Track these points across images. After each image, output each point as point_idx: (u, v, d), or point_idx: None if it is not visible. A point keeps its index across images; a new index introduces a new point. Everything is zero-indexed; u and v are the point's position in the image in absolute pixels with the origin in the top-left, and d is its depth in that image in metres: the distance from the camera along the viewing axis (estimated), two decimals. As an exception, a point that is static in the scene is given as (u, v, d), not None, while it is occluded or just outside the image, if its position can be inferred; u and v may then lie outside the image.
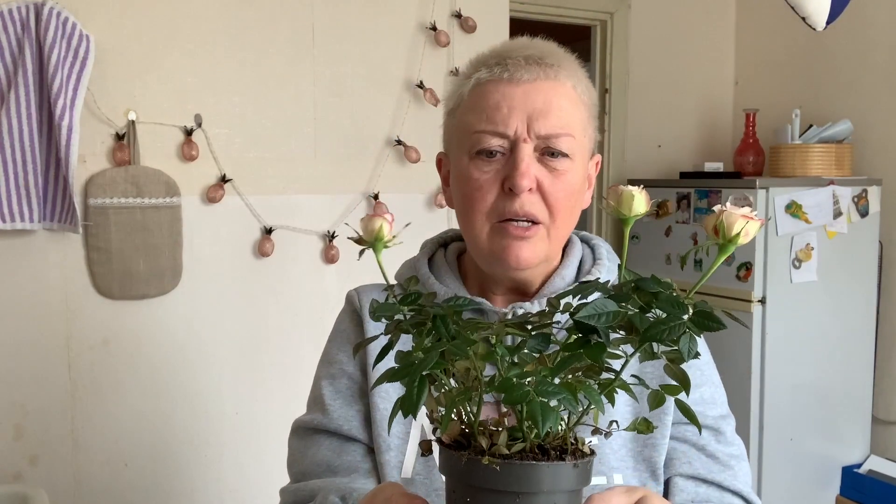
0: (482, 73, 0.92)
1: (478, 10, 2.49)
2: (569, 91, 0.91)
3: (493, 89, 0.91)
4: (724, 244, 0.63)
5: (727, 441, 0.97)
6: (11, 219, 1.92)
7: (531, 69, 0.90)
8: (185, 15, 2.13)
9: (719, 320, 0.59)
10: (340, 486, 0.91)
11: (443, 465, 0.65)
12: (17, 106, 1.89)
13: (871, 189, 3.09)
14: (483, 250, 0.93)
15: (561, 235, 0.94)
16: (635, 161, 3.62)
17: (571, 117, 0.91)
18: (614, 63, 3.56)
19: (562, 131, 0.90)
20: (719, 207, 0.63)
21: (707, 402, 0.97)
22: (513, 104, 0.89)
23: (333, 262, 2.35)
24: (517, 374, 0.59)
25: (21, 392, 2.00)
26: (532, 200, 0.89)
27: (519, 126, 0.89)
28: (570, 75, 0.92)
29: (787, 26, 3.34)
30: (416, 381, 0.59)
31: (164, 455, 2.17)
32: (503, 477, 0.59)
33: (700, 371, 0.98)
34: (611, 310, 0.59)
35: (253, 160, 2.24)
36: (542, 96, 0.89)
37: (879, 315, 3.18)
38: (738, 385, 2.91)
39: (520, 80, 0.89)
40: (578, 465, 0.61)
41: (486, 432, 0.62)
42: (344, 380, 1.00)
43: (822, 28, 1.73)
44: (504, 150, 0.90)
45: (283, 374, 2.29)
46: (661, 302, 0.60)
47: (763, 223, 0.64)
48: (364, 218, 0.70)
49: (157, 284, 2.11)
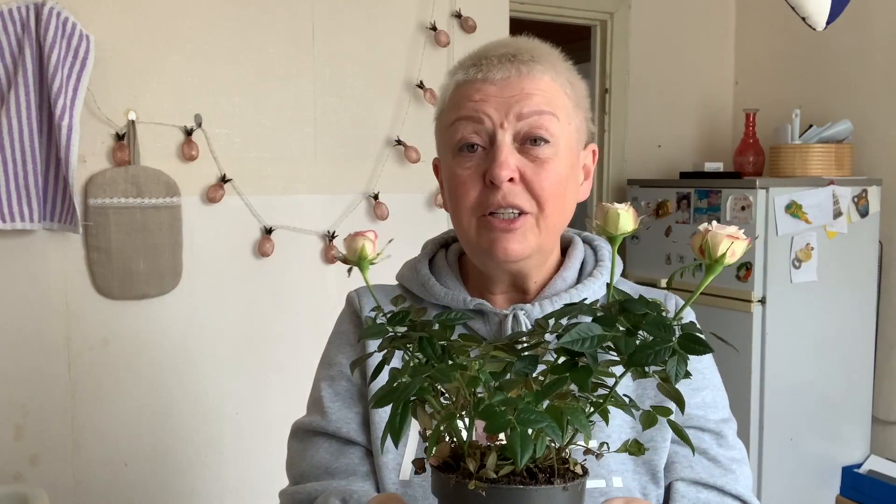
0: (459, 75, 0.93)
1: (478, 10, 2.49)
2: (546, 83, 0.91)
3: (469, 86, 0.92)
4: (711, 265, 0.61)
5: (728, 445, 0.96)
6: (11, 219, 1.92)
7: (504, 67, 0.90)
8: (185, 15, 2.13)
9: (706, 344, 0.57)
10: (340, 488, 0.91)
11: (433, 486, 0.64)
12: (17, 106, 1.89)
13: (871, 189, 3.09)
14: (473, 246, 0.94)
15: (552, 225, 0.93)
16: (635, 161, 3.62)
17: (552, 100, 0.91)
18: (614, 63, 3.56)
19: (545, 108, 0.90)
20: (705, 226, 0.62)
21: (709, 405, 0.96)
22: (487, 95, 0.90)
23: (333, 262, 2.35)
24: (501, 401, 0.58)
25: (21, 392, 2.00)
26: (515, 191, 0.89)
27: (494, 112, 0.89)
28: (547, 69, 0.92)
29: (787, 26, 3.34)
30: (399, 408, 0.59)
31: (164, 455, 2.17)
32: (490, 501, 0.58)
33: (702, 375, 0.97)
34: (596, 334, 0.58)
35: (253, 160, 2.24)
36: (517, 88, 0.90)
37: (879, 315, 3.18)
38: (738, 385, 2.91)
39: (494, 79, 0.90)
40: (568, 489, 0.60)
41: (477, 454, 0.61)
42: (343, 382, 1.00)
43: (822, 28, 1.72)
44: (484, 143, 0.90)
45: (283, 374, 2.29)
46: (647, 325, 0.58)
47: (750, 242, 0.62)
48: (347, 238, 0.71)
49: (157, 284, 2.11)
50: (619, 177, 3.57)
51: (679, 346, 0.57)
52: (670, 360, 0.57)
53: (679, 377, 0.57)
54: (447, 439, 0.64)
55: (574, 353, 0.59)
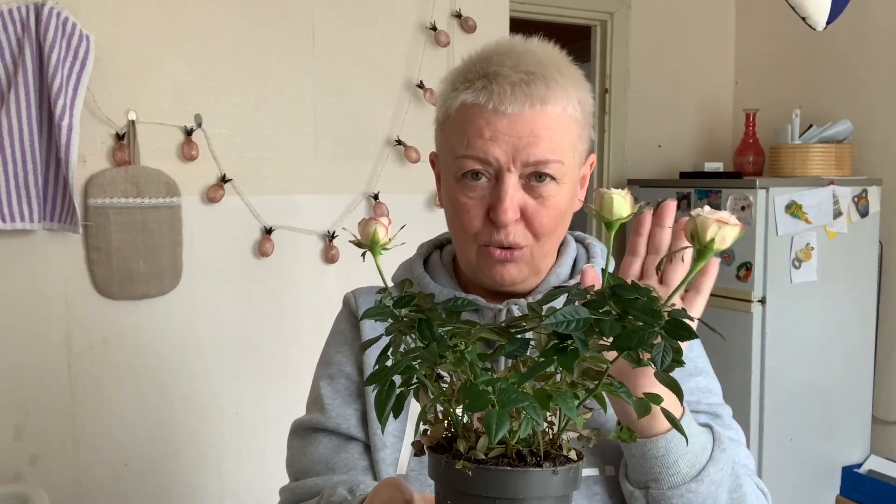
0: (468, 94, 0.89)
1: (478, 10, 2.49)
2: (559, 116, 0.88)
3: (478, 115, 0.88)
4: (701, 250, 0.60)
5: (724, 424, 0.97)
6: (11, 219, 1.92)
7: (518, 99, 0.86)
8: (185, 15, 2.13)
9: (690, 330, 0.56)
10: (347, 479, 0.92)
11: (428, 467, 0.65)
12: (17, 106, 1.89)
13: (871, 189, 3.09)
14: (471, 267, 0.96)
15: (546, 252, 0.95)
16: (635, 161, 3.62)
17: (560, 143, 0.88)
18: (614, 63, 3.56)
19: (550, 157, 0.88)
20: (696, 211, 0.60)
21: (703, 390, 0.97)
22: (496, 132, 0.87)
23: (333, 262, 2.35)
24: (485, 381, 0.58)
25: (21, 392, 2.00)
26: (517, 230, 0.90)
27: (502, 155, 0.87)
28: (561, 97, 0.88)
29: (787, 26, 3.34)
30: (385, 385, 0.59)
31: (164, 455, 2.17)
32: (478, 482, 0.59)
33: (693, 363, 0.98)
34: (582, 316, 0.57)
35: (253, 160, 2.24)
36: (528, 127, 0.87)
37: (879, 315, 3.18)
38: (738, 385, 2.91)
39: (504, 112, 0.86)
40: (558, 472, 0.59)
41: (472, 436, 0.61)
42: (342, 380, 1.01)
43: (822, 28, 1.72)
44: (489, 175, 0.89)
45: (283, 374, 2.29)
46: (635, 310, 0.58)
47: (743, 229, 0.61)
48: (361, 222, 0.70)
49: (157, 284, 2.11)
50: (619, 177, 3.57)
51: (665, 331, 0.57)
52: (656, 347, 0.56)
53: (665, 363, 0.56)
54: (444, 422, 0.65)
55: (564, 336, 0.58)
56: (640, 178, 3.53)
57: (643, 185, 3.38)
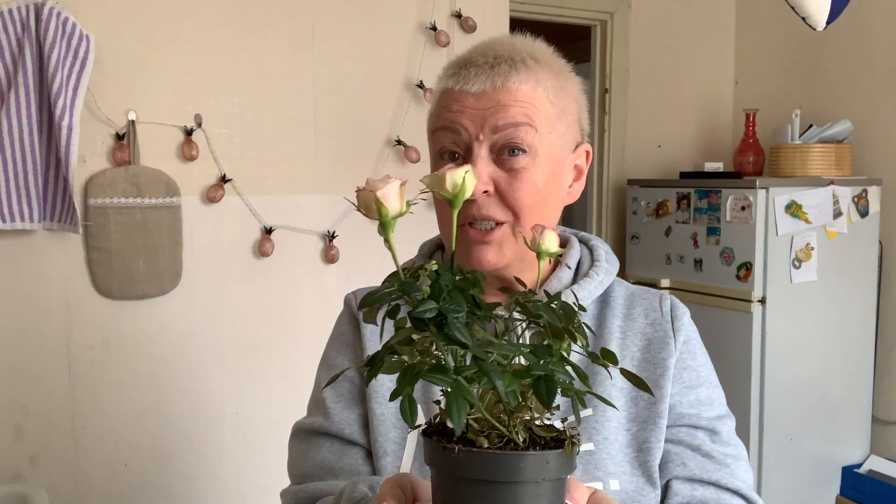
0: (444, 82, 0.93)
1: (478, 10, 2.49)
2: (524, 93, 0.90)
3: (448, 96, 0.92)
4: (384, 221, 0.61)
5: (723, 441, 0.96)
6: (11, 219, 1.92)
7: (481, 79, 0.89)
8: (184, 15, 2.13)
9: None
10: (366, 476, 0.91)
11: (424, 452, 0.65)
12: (17, 106, 1.89)
13: (871, 189, 3.09)
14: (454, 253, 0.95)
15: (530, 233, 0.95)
16: (635, 161, 3.62)
17: (529, 111, 0.89)
18: (614, 63, 3.56)
19: (521, 120, 0.89)
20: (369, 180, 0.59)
21: (703, 403, 0.96)
22: (463, 106, 0.90)
23: (333, 262, 2.35)
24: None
25: (21, 392, 2.00)
26: (490, 203, 0.90)
27: (470, 125, 0.89)
28: (526, 78, 0.90)
29: (787, 26, 3.34)
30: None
31: (163, 455, 2.17)
32: (472, 465, 0.58)
33: (696, 373, 0.97)
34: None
35: (253, 160, 2.24)
36: (493, 100, 0.89)
37: (879, 315, 3.18)
38: (738, 385, 2.91)
39: (471, 90, 0.90)
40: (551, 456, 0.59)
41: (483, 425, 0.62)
42: (345, 383, 1.00)
43: (822, 28, 1.72)
44: (461, 151, 0.91)
45: (283, 374, 2.29)
46: None
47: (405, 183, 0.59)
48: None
49: (157, 284, 2.11)
50: (619, 177, 3.57)
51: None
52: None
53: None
54: None
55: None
56: (640, 178, 3.52)
57: (643, 185, 3.38)
